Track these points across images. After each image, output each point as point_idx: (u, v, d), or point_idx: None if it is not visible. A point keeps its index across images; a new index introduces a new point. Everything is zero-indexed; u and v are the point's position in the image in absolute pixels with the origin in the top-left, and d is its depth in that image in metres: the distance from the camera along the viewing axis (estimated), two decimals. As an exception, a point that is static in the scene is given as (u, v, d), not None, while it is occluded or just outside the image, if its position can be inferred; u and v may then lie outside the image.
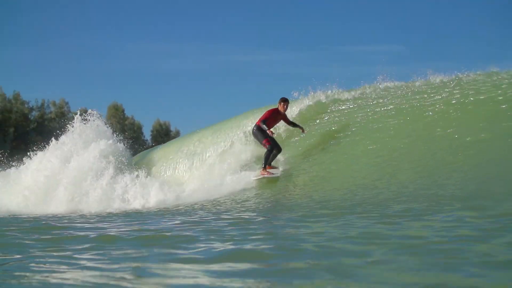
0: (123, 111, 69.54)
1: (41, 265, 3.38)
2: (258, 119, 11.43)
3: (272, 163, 11.24)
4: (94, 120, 15.61)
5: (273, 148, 11.10)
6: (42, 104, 63.48)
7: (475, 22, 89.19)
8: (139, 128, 70.49)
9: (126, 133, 20.61)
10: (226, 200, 9.82)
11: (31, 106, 62.42)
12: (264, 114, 11.36)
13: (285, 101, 11.52)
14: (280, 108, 11.49)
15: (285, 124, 12.03)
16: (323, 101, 13.54)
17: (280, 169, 11.22)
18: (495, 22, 78.85)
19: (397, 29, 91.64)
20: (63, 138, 15.30)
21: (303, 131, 11.77)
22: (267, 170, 11.04)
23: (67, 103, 65.22)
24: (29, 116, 61.25)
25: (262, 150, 11.69)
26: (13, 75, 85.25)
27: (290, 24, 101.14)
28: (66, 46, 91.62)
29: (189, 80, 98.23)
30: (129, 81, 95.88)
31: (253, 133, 11.46)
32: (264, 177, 10.99)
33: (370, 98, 12.93)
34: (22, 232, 5.53)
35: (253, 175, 11.30)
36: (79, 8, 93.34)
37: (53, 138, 15.35)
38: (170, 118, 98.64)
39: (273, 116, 11.39)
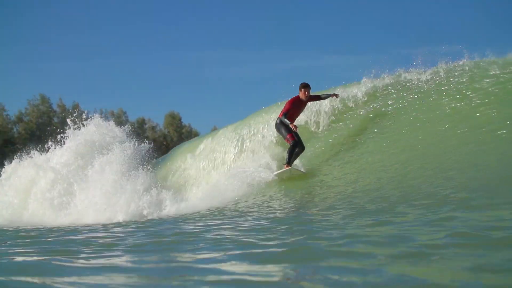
0: (180, 119, 69.56)
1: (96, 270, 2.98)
2: (281, 111, 10.49)
3: (293, 165, 10.25)
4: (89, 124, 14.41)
5: (296, 144, 10.15)
6: (101, 114, 63.92)
7: None
8: (196, 136, 70.01)
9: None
10: (254, 201, 8.84)
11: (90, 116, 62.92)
12: (285, 105, 10.43)
13: (305, 86, 10.40)
14: (301, 95, 10.41)
15: (317, 103, 11.62)
16: (357, 94, 12.25)
17: (301, 167, 10.29)
18: None
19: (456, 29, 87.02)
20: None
21: (336, 96, 10.93)
22: (290, 165, 10.10)
23: (125, 113, 65.79)
24: (88, 126, 61.67)
25: (282, 146, 10.92)
26: (73, 85, 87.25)
27: (348, 28, 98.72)
28: (123, 56, 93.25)
29: (246, 87, 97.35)
30: (186, 89, 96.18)
31: (276, 127, 10.58)
32: (287, 171, 10.00)
33: (400, 90, 11.72)
34: (62, 240, 5.09)
35: (275, 172, 10.31)
36: (134, 19, 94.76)
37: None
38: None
39: (295, 106, 10.41)
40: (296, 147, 10.14)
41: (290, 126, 9.97)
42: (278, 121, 10.43)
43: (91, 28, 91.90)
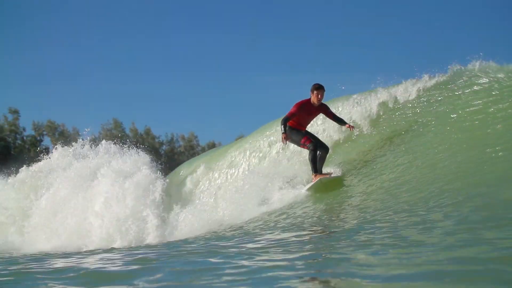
0: (250, 143, 68.31)
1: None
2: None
3: (323, 169, 8.75)
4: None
5: (315, 147, 8.47)
6: (172, 138, 64.49)
7: None
8: (267, 160, 68.53)
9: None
10: (289, 218, 7.57)
11: (161, 141, 63.44)
12: (291, 108, 8.60)
13: (318, 88, 8.51)
14: (313, 99, 8.55)
15: (329, 119, 9.29)
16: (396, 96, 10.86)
17: (337, 171, 8.88)
18: None
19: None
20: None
21: (350, 128, 8.99)
22: (321, 174, 8.54)
23: (196, 137, 65.74)
24: (160, 150, 62.03)
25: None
26: (145, 110, 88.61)
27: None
28: (194, 80, 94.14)
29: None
30: (256, 112, 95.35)
31: None
32: (320, 180, 8.39)
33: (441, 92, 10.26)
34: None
35: (305, 187, 8.62)
36: (206, 43, 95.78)
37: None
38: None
39: (304, 110, 8.56)
40: (316, 150, 8.50)
41: (282, 136, 8.35)
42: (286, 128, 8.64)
43: (162, 52, 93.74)
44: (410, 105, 10.37)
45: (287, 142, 8.52)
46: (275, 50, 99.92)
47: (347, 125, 8.95)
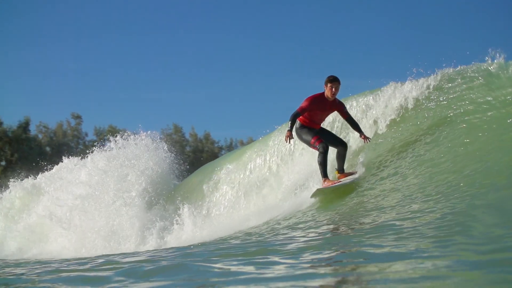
0: (310, 147, 67.11)
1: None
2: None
3: (345, 167, 8.16)
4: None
5: (326, 148, 7.69)
6: (231, 143, 64.68)
7: None
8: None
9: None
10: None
11: (220, 146, 63.49)
12: (302, 102, 7.75)
13: (332, 80, 7.66)
14: (327, 93, 7.70)
15: (342, 119, 8.53)
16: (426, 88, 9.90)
17: (359, 173, 8.03)
18: None
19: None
20: None
21: (365, 139, 8.13)
22: (344, 173, 7.99)
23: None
24: (219, 155, 61.74)
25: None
26: (204, 115, 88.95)
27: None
28: (251, 85, 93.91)
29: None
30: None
31: (296, 132, 7.90)
32: (330, 187, 7.69)
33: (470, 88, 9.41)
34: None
35: (312, 193, 7.99)
36: (266, 49, 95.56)
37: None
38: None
39: (316, 104, 7.71)
40: (326, 152, 7.72)
41: (286, 133, 7.46)
42: (297, 125, 7.88)
43: (221, 57, 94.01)
44: (431, 100, 9.63)
45: (291, 140, 7.67)
46: (328, 54, 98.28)
47: (362, 136, 8.15)
